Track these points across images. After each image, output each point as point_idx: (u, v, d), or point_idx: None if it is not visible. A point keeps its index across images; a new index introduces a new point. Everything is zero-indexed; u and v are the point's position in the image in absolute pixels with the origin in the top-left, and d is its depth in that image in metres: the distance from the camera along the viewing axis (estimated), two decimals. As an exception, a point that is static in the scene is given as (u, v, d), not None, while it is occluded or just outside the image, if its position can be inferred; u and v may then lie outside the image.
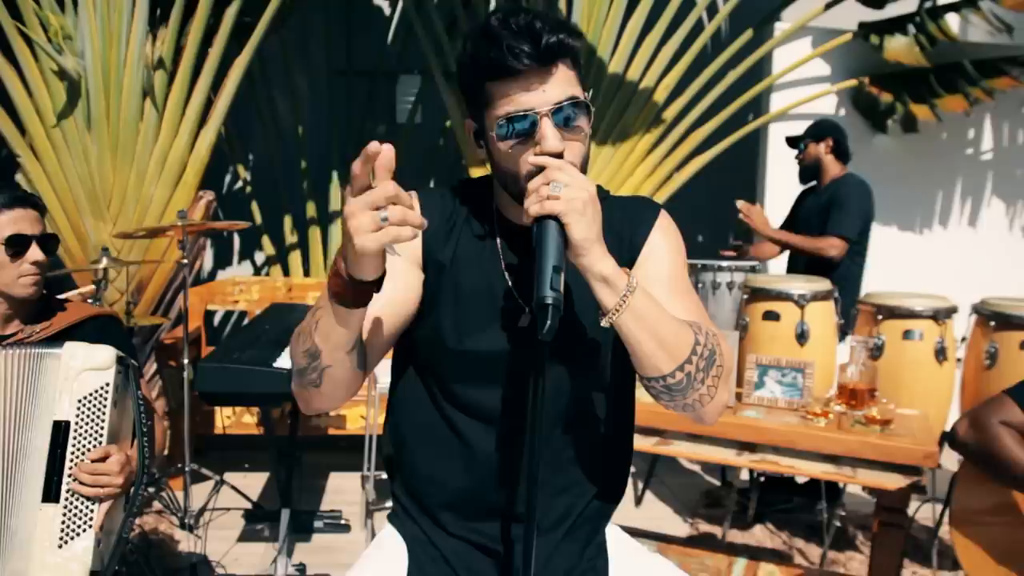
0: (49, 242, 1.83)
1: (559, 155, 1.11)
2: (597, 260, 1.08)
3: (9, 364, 1.64)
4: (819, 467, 2.35)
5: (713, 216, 4.93)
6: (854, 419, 2.41)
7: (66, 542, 1.58)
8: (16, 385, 1.64)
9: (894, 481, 2.26)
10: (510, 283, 1.25)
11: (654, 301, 1.14)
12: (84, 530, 1.60)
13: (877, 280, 3.87)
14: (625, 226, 1.28)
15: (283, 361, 2.60)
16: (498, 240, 1.27)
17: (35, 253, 1.78)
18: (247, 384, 2.48)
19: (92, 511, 1.61)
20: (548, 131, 1.11)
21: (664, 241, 1.29)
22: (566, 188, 1.06)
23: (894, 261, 4.67)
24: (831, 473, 2.35)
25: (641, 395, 2.64)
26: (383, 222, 0.95)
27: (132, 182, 4.01)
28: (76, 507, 1.60)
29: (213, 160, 4.37)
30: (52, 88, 3.91)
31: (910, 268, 4.69)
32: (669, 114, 4.60)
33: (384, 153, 0.94)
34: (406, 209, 0.97)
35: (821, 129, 3.71)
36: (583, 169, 1.17)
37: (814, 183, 3.78)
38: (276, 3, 3.99)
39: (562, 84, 1.13)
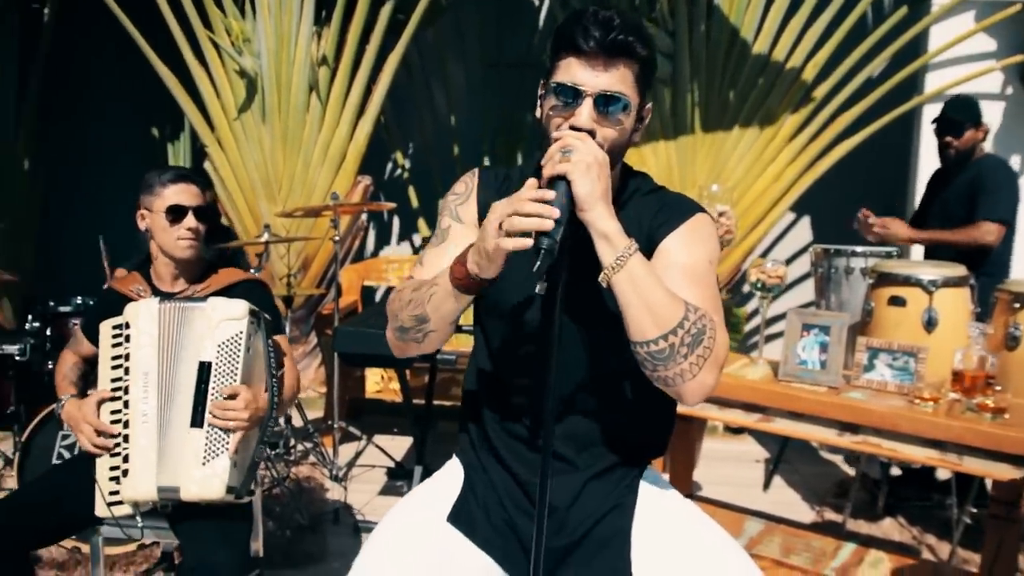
0: (204, 213, 2.17)
1: (587, 133, 1.27)
2: (599, 217, 1.22)
3: (167, 315, 1.99)
4: (922, 452, 2.30)
5: (863, 203, 4.76)
6: (966, 406, 2.35)
7: (208, 461, 1.90)
8: (172, 331, 1.98)
9: (1003, 471, 2.18)
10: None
11: (651, 270, 1.24)
12: (222, 452, 1.91)
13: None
14: (653, 218, 1.38)
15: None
16: None
17: (190, 221, 2.13)
18: (376, 347, 2.77)
19: (228, 438, 1.92)
20: (584, 110, 1.28)
21: (689, 237, 1.37)
22: (575, 152, 1.21)
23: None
24: (935, 459, 2.29)
25: (745, 372, 2.70)
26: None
27: (299, 168, 4.47)
28: (216, 433, 1.92)
29: (375, 148, 4.77)
30: (234, 86, 4.43)
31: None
32: (815, 96, 4.49)
33: None
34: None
35: (978, 112, 3.50)
36: (617, 158, 1.33)
37: (940, 168, 3.59)
38: (426, 2, 4.29)
39: (616, 78, 1.29)
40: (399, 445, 4.20)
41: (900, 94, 4.52)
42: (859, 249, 3.58)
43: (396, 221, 5.95)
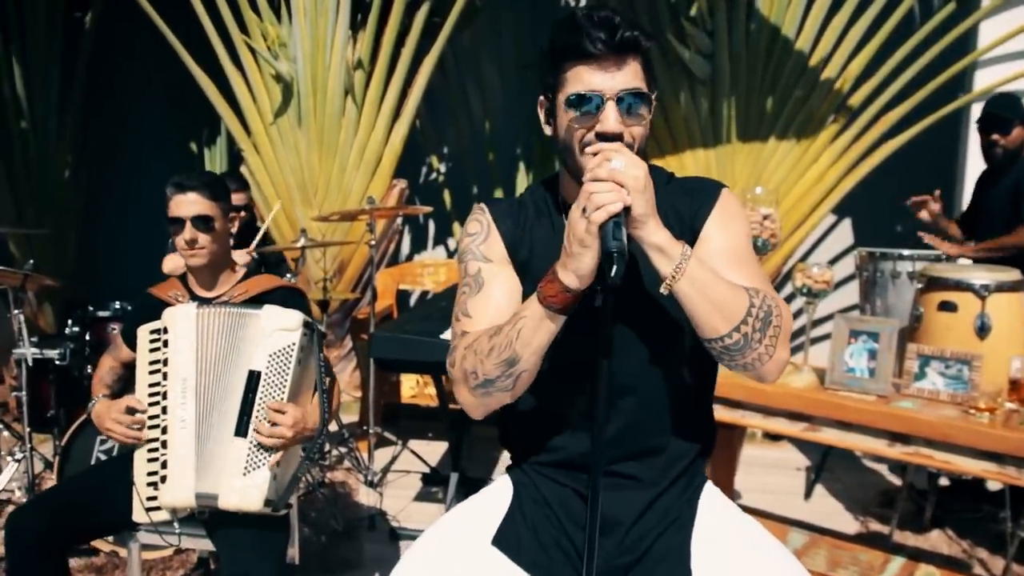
0: (206, 221, 2.07)
1: (617, 135, 1.24)
2: (653, 232, 1.20)
3: (218, 320, 1.96)
4: (978, 464, 2.22)
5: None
6: (1024, 416, 2.26)
7: (249, 471, 1.88)
8: (223, 337, 1.95)
9: (1065, 485, 2.10)
10: None
11: (708, 268, 1.23)
12: (263, 464, 1.89)
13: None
14: (687, 207, 1.37)
15: (449, 335, 2.84)
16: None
17: (187, 232, 2.06)
18: (414, 353, 2.73)
19: (271, 450, 1.90)
20: (610, 113, 1.25)
21: (722, 218, 1.37)
22: (626, 167, 1.17)
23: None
24: (992, 472, 2.21)
25: (789, 380, 2.62)
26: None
27: (335, 172, 4.46)
28: (259, 445, 1.89)
29: (410, 151, 4.75)
30: (270, 90, 4.44)
31: None
32: (858, 97, 4.38)
33: None
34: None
35: None
36: (643, 153, 1.29)
37: (987, 169, 3.49)
38: (461, 5, 4.26)
39: (630, 75, 1.27)
40: (434, 450, 4.18)
41: (947, 93, 4.40)
42: (906, 252, 3.48)
43: (431, 225, 5.93)
